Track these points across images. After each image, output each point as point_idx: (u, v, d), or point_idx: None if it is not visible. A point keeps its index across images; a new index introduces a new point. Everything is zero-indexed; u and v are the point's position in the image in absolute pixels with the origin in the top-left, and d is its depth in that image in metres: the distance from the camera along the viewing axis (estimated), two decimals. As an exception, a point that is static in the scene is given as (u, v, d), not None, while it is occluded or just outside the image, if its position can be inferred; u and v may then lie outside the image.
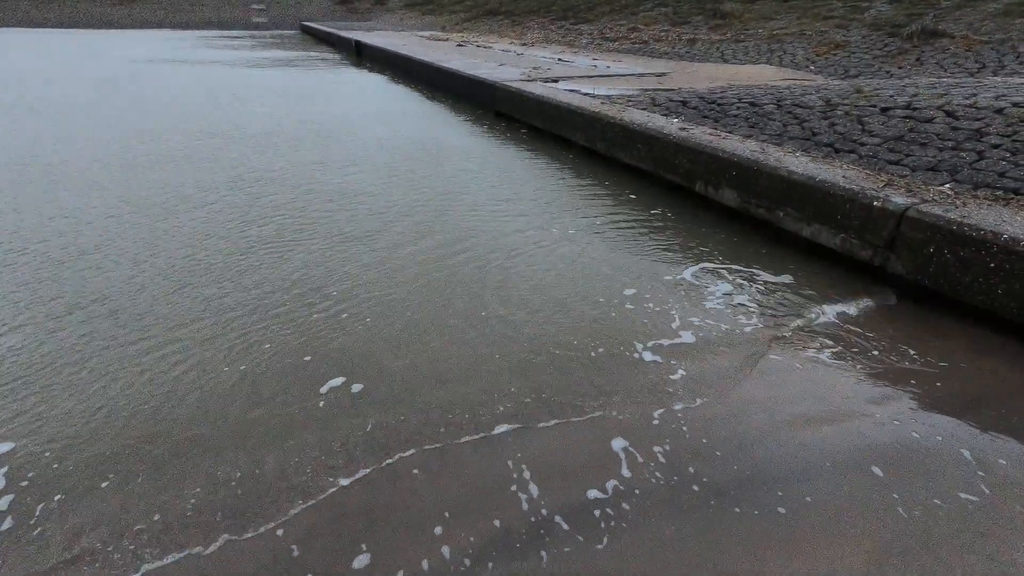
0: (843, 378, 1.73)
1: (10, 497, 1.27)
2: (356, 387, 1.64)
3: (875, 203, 2.32)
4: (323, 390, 1.62)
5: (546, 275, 2.34)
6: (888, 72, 6.25)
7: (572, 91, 5.25)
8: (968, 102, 3.16)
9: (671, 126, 3.69)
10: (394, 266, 2.42)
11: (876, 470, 1.38)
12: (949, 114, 3.10)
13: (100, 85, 7.61)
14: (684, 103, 4.42)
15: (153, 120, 5.34)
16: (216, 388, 1.63)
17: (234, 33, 22.99)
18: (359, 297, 2.15)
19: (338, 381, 1.66)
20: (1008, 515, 1.26)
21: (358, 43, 12.72)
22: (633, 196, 3.39)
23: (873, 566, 1.14)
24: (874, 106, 3.45)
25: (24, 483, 1.31)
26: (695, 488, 1.32)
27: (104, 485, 1.30)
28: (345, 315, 2.02)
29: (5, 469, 1.34)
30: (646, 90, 5.25)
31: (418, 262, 2.45)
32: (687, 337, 1.91)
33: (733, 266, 2.47)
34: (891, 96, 3.57)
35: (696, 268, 2.44)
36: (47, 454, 1.39)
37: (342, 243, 2.65)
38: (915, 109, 3.25)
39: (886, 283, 2.31)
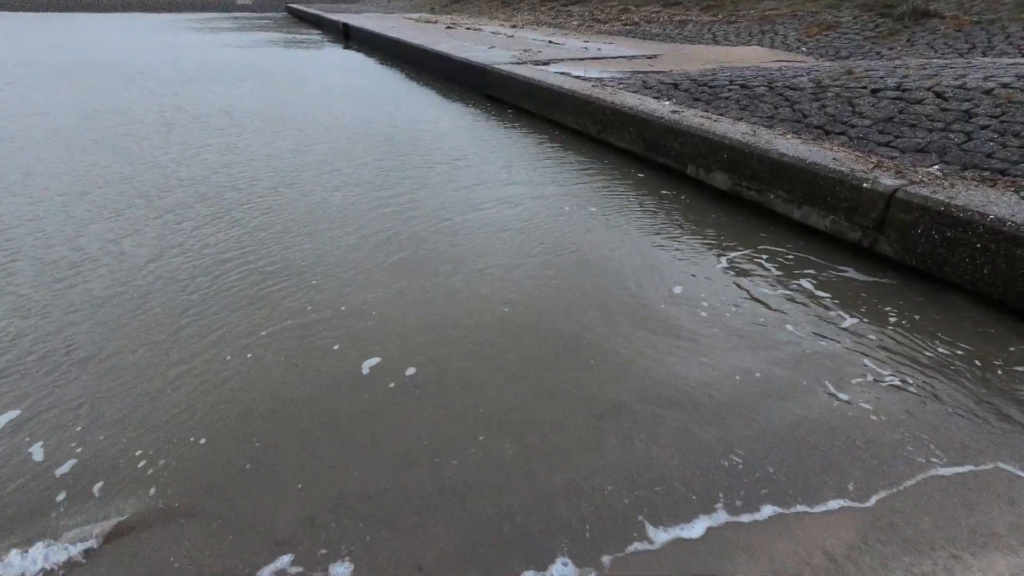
0: (836, 352, 1.75)
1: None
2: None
3: (864, 185, 2.33)
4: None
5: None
6: (879, 53, 6.25)
7: (563, 74, 5.21)
8: (957, 83, 3.17)
9: (662, 108, 3.68)
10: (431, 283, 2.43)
11: (859, 443, 1.41)
12: (939, 95, 3.11)
13: (80, 65, 7.46)
14: (675, 85, 4.41)
15: (113, 97, 5.26)
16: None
17: (219, 15, 22.56)
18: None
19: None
20: (992, 487, 1.29)
21: (346, 25, 12.52)
22: (641, 175, 3.41)
23: (859, 541, 1.17)
24: (865, 88, 3.45)
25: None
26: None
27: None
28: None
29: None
30: (637, 72, 5.22)
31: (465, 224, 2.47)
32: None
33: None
34: (881, 77, 3.57)
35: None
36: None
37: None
38: (905, 90, 3.26)
39: (875, 263, 2.34)
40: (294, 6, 23.01)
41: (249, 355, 1.72)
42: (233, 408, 1.51)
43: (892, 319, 1.95)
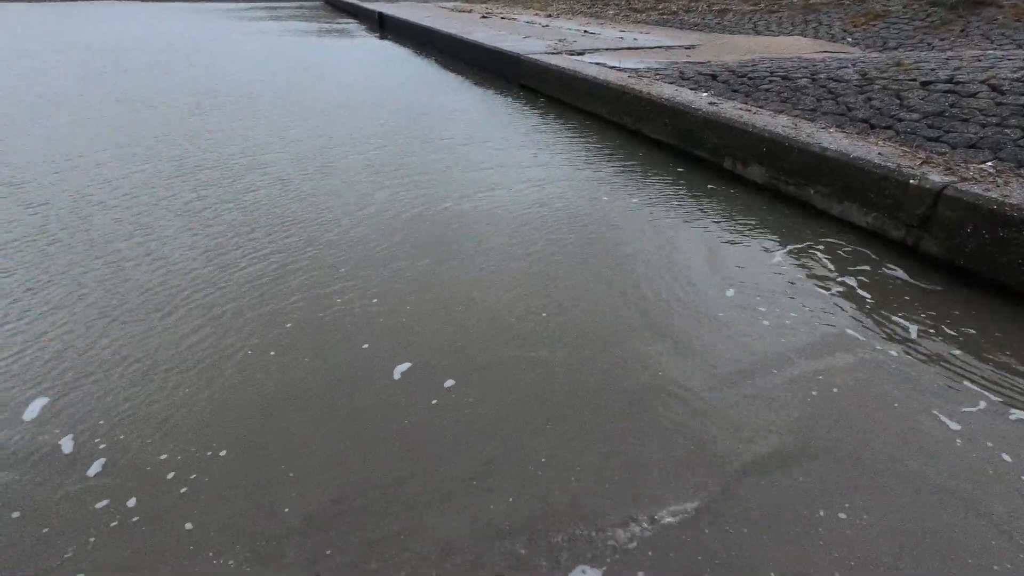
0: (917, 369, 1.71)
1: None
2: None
3: (911, 181, 2.25)
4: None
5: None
6: (930, 44, 5.99)
7: (598, 64, 5.15)
8: (1016, 76, 3.02)
9: (700, 100, 3.61)
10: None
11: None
12: (994, 88, 2.97)
13: (109, 49, 7.70)
14: (713, 76, 4.31)
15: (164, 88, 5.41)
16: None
17: (254, 5, 22.86)
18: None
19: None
20: (983, 463, 1.25)
21: (381, 15, 12.59)
22: (679, 168, 3.36)
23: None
24: (914, 80, 3.32)
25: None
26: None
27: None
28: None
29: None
30: (674, 63, 5.12)
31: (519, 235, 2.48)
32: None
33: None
34: (933, 69, 3.42)
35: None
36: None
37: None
38: (958, 83, 3.12)
39: (920, 263, 2.25)
40: (331, -5, 23.19)
41: (272, 352, 1.75)
42: (260, 402, 1.54)
43: (953, 326, 1.88)
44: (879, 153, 2.51)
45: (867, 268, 2.22)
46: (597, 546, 1.12)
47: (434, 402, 1.51)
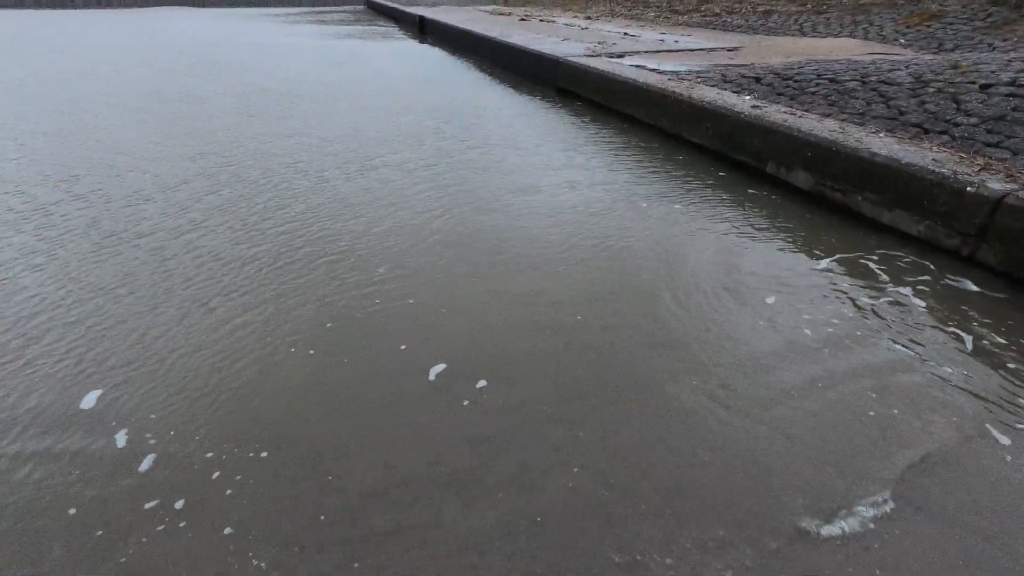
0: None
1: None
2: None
3: (968, 188, 2.15)
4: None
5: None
6: (990, 45, 5.71)
7: (638, 67, 5.09)
8: (1085, 78, 2.86)
9: (743, 104, 3.53)
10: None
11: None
12: (1061, 92, 2.81)
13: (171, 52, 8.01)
14: (757, 79, 4.21)
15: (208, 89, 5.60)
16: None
17: (298, 11, 23.37)
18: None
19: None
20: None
21: (421, 18, 12.76)
22: (720, 173, 3.29)
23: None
24: (972, 83, 3.17)
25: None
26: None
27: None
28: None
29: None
30: (716, 65, 5.02)
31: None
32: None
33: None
34: (993, 72, 3.27)
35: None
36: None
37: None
38: (1020, 86, 2.96)
39: (977, 273, 2.15)
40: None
41: (311, 351, 1.79)
42: (299, 400, 1.58)
43: (1010, 337, 1.79)
44: (933, 159, 2.41)
45: (918, 278, 2.14)
46: (632, 554, 1.11)
47: (465, 403, 1.52)
